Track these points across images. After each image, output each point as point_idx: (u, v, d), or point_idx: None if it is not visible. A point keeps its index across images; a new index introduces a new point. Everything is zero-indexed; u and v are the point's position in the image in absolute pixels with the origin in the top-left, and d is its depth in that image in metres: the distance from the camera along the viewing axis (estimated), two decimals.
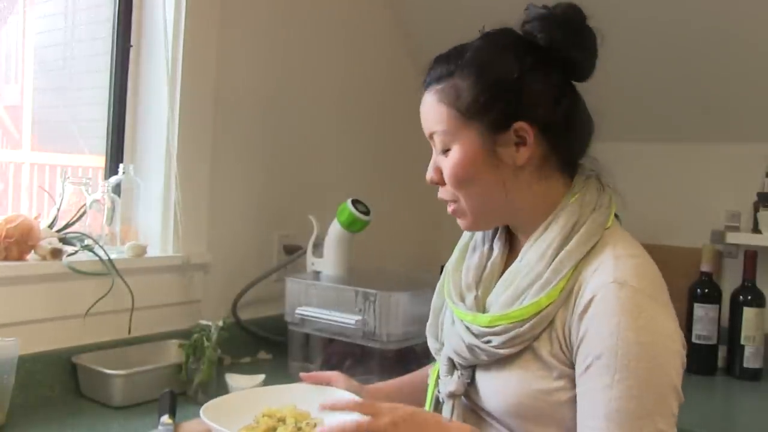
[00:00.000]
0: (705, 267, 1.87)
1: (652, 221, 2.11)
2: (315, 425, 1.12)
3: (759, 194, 1.89)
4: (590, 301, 0.90)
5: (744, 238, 1.90)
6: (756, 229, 1.89)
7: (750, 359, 1.80)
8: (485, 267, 1.05)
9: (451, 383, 1.01)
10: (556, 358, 0.93)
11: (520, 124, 0.96)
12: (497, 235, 1.08)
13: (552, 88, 0.98)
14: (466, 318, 1.00)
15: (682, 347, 0.91)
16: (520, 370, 0.95)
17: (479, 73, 0.97)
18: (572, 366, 0.92)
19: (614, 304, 0.88)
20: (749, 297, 1.82)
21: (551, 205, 0.99)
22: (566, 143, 1.00)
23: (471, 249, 1.10)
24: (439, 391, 1.04)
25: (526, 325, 0.93)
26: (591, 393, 0.88)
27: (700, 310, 1.85)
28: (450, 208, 1.04)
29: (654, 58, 1.95)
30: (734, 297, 1.84)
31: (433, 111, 1.00)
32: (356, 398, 1.01)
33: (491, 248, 1.07)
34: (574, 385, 0.92)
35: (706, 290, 1.86)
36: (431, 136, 1.02)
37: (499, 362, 0.97)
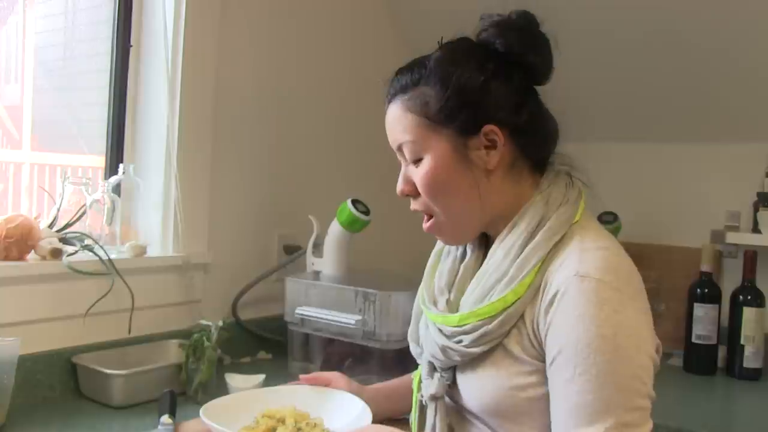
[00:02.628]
0: (705, 267, 1.87)
1: (652, 221, 2.11)
2: (315, 425, 1.13)
3: (759, 194, 1.89)
4: (554, 295, 0.90)
5: (744, 238, 1.90)
6: (756, 229, 1.89)
7: (750, 359, 1.81)
8: (458, 270, 1.06)
9: (431, 386, 1.02)
10: (527, 353, 0.93)
11: (489, 127, 0.97)
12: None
13: (515, 91, 0.99)
14: (437, 320, 1.01)
15: (650, 341, 0.90)
16: (494, 368, 0.96)
17: (445, 79, 0.98)
18: (544, 361, 0.93)
19: (577, 297, 0.88)
20: (749, 297, 1.82)
21: (522, 204, 1.00)
22: (534, 144, 1.01)
23: (445, 253, 1.10)
24: (422, 395, 1.05)
25: (495, 323, 0.93)
26: (555, 388, 0.89)
27: (699, 310, 1.85)
28: (426, 225, 1.04)
29: (654, 59, 1.95)
30: (734, 297, 1.84)
31: (400, 121, 1.01)
32: None
33: (464, 252, 1.08)
34: (546, 381, 0.93)
35: (706, 290, 1.86)
36: (400, 147, 1.02)
37: (474, 362, 0.98)
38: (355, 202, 1.75)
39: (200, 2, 1.69)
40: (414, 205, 1.04)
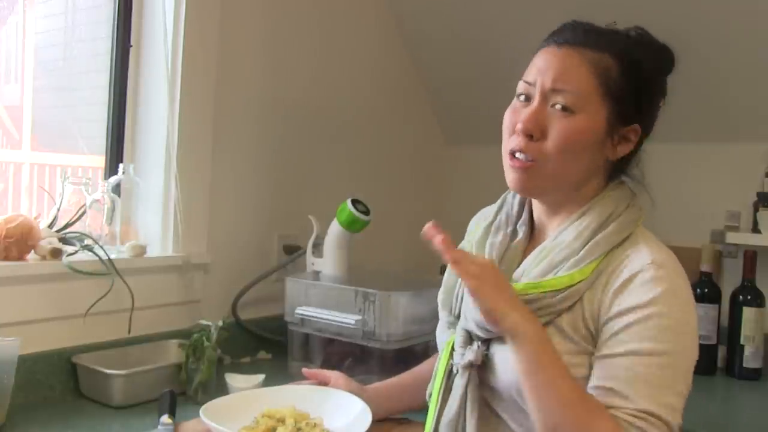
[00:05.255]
0: (705, 267, 1.87)
1: (652, 221, 2.11)
2: (314, 425, 1.13)
3: (759, 194, 1.89)
4: (628, 278, 0.94)
5: (744, 238, 1.89)
6: (756, 229, 1.89)
7: (749, 359, 1.81)
8: (508, 246, 1.09)
9: (469, 353, 1.02)
10: (578, 333, 0.96)
11: (636, 126, 1.03)
12: (521, 221, 1.11)
13: (660, 105, 1.08)
14: None
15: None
16: None
17: (633, 65, 1.01)
18: (591, 343, 0.96)
19: (654, 279, 0.93)
20: (749, 297, 1.82)
21: (589, 197, 1.04)
22: (633, 158, 1.07)
23: (495, 229, 1.12)
24: (453, 363, 1.05)
25: (557, 297, 0.96)
26: (621, 358, 0.91)
27: (699, 309, 1.83)
28: (518, 163, 1.00)
29: None
30: (734, 297, 1.84)
31: (577, 70, 0.99)
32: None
33: (515, 231, 1.11)
34: (586, 364, 0.95)
35: (706, 290, 1.86)
36: (557, 89, 0.99)
37: None
38: (355, 202, 1.75)
39: (200, 2, 1.69)
40: (526, 146, 0.99)
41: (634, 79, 1.01)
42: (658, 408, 0.88)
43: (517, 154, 1.00)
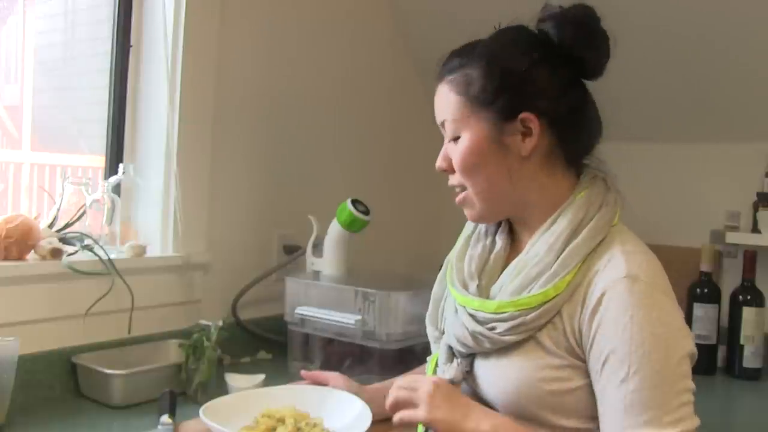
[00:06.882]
0: (704, 267, 1.87)
1: (652, 221, 2.11)
2: (314, 425, 1.13)
3: (759, 194, 1.90)
4: (602, 296, 0.92)
5: (743, 238, 1.90)
6: (755, 229, 1.89)
7: (749, 359, 1.81)
8: (488, 259, 1.08)
9: (450, 370, 1.02)
10: (559, 347, 0.95)
11: (526, 114, 0.99)
12: (500, 230, 1.10)
13: (559, 82, 1.01)
14: (473, 304, 1.01)
15: (690, 337, 0.94)
16: (522, 359, 0.97)
17: (489, 63, 1.00)
18: (578, 358, 0.94)
19: (627, 298, 0.90)
20: (749, 297, 1.82)
21: (558, 201, 1.02)
22: (572, 138, 1.03)
23: (474, 240, 1.12)
24: None
25: (532, 314, 0.95)
26: (609, 388, 0.90)
27: (699, 309, 1.85)
28: (458, 198, 1.07)
29: (653, 58, 1.95)
30: (734, 297, 1.84)
31: (444, 100, 1.04)
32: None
33: (494, 242, 1.10)
34: (575, 377, 0.94)
35: (706, 290, 1.86)
36: (442, 124, 1.06)
37: (500, 351, 0.99)
38: (355, 202, 1.76)
39: (200, 2, 1.69)
40: (450, 180, 1.07)
41: (497, 73, 0.99)
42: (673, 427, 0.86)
43: (456, 189, 1.07)
